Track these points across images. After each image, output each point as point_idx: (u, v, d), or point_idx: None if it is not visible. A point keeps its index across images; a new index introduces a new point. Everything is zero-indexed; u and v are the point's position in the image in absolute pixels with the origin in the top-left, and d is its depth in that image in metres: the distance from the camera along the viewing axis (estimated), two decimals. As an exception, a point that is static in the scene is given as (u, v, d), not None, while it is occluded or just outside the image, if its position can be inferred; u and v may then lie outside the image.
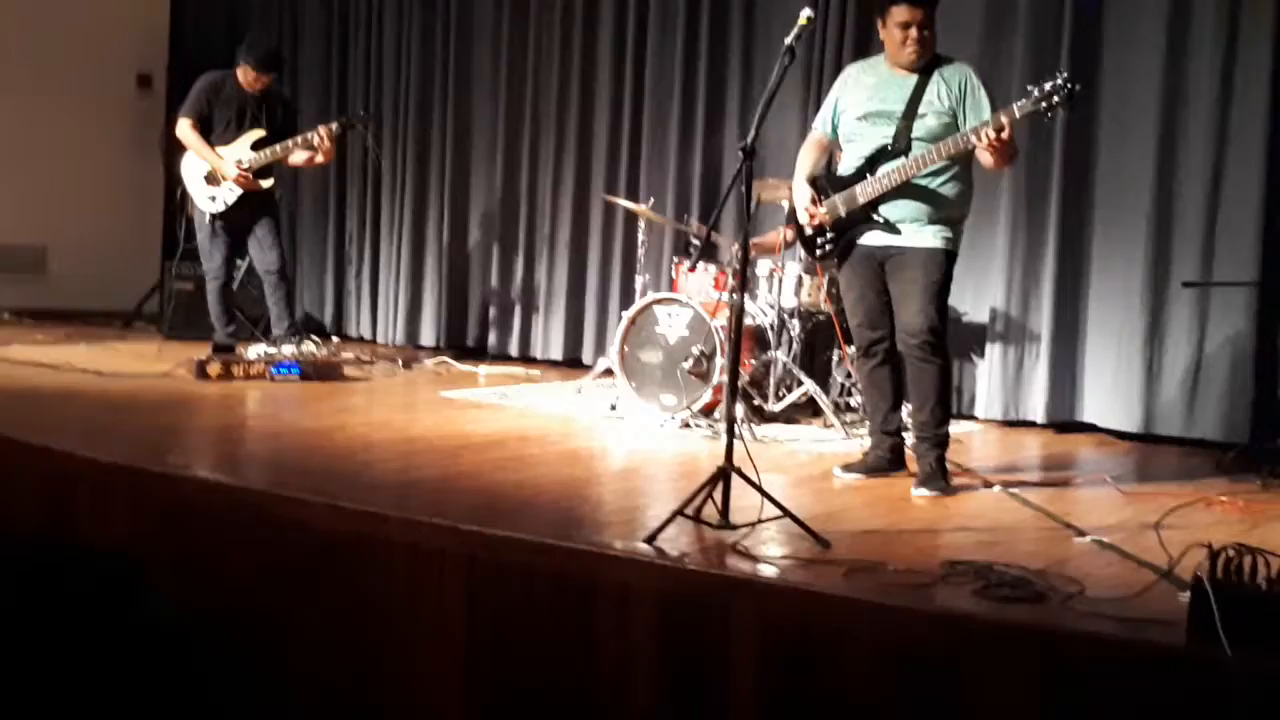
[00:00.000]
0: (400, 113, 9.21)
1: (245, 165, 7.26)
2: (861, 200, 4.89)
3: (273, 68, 7.51)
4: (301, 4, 9.77)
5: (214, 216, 7.35)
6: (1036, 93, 4.55)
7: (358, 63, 9.47)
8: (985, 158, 4.69)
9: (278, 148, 7.29)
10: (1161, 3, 6.25)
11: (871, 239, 4.94)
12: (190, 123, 7.32)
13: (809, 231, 5.11)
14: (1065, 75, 4.53)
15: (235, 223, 7.41)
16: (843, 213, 4.96)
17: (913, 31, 4.80)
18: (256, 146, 7.32)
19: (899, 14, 4.81)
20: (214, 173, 7.30)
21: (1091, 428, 6.52)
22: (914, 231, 4.85)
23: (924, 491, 4.78)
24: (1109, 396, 6.46)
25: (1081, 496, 4.96)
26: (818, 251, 5.13)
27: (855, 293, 5.06)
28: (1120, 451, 6.15)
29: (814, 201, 4.99)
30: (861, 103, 4.96)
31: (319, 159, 7.42)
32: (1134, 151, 6.36)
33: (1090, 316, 6.54)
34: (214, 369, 6.77)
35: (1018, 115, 4.58)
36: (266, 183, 7.41)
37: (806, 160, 5.12)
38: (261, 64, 7.37)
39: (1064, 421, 6.58)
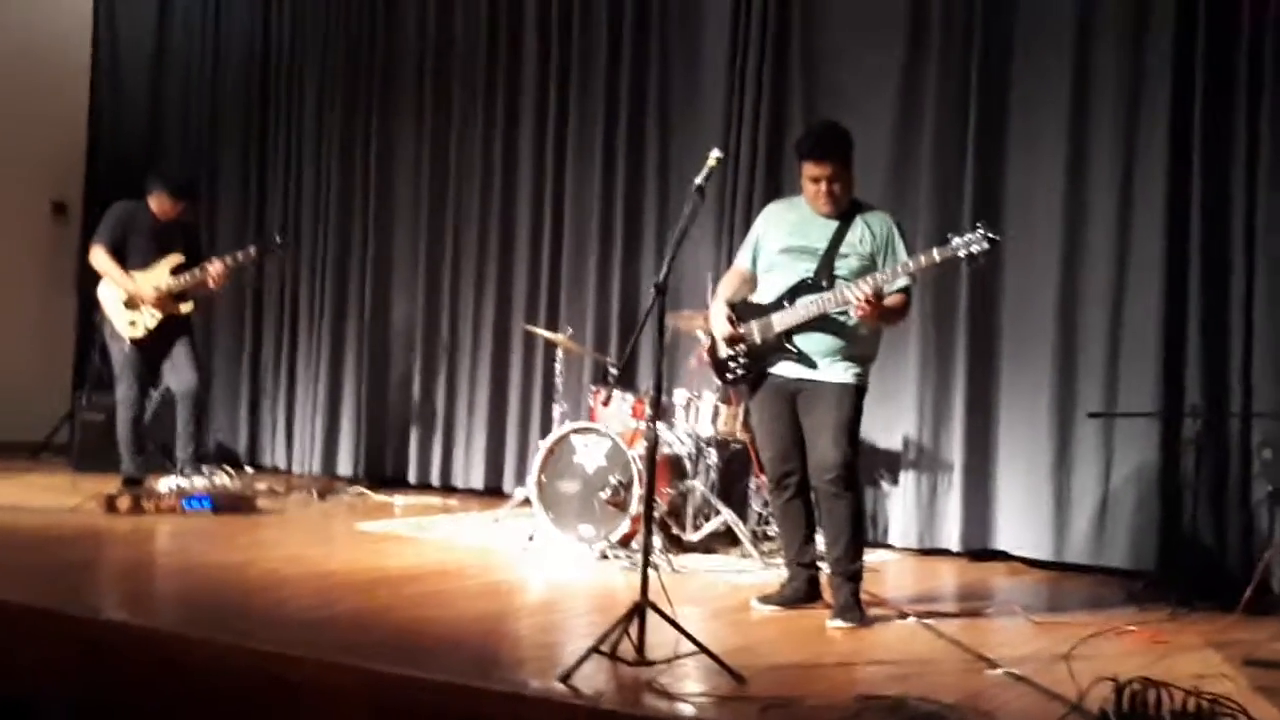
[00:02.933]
0: (319, 241, 9.22)
1: (164, 289, 7.27)
2: (778, 329, 4.96)
3: (186, 195, 7.59)
4: (219, 130, 9.81)
5: (134, 342, 7.32)
6: (955, 241, 4.68)
7: (276, 191, 9.50)
8: (861, 306, 4.73)
9: (196, 271, 7.33)
10: (1060, 137, 6.49)
11: (783, 369, 5.01)
12: (104, 249, 7.34)
13: (723, 355, 5.16)
14: (983, 229, 4.66)
15: (153, 349, 7.39)
16: (758, 339, 5.03)
17: (822, 185, 4.92)
18: (176, 272, 7.35)
19: (807, 169, 4.95)
20: (132, 298, 7.29)
21: (1005, 555, 6.60)
22: (826, 365, 4.93)
23: (839, 623, 4.80)
24: (1021, 525, 6.55)
25: (994, 627, 5.00)
26: (728, 375, 5.18)
27: (766, 426, 5.12)
28: (1033, 580, 6.22)
29: (730, 322, 5.05)
30: (783, 237, 5.06)
31: (210, 284, 7.39)
32: (1038, 280, 6.55)
33: (1001, 445, 6.66)
34: (123, 503, 6.66)
35: (937, 259, 4.72)
36: (186, 307, 7.44)
37: (726, 287, 5.21)
38: (176, 192, 7.46)
39: (978, 549, 6.65)
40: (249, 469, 8.68)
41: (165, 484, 7.05)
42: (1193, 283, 6.18)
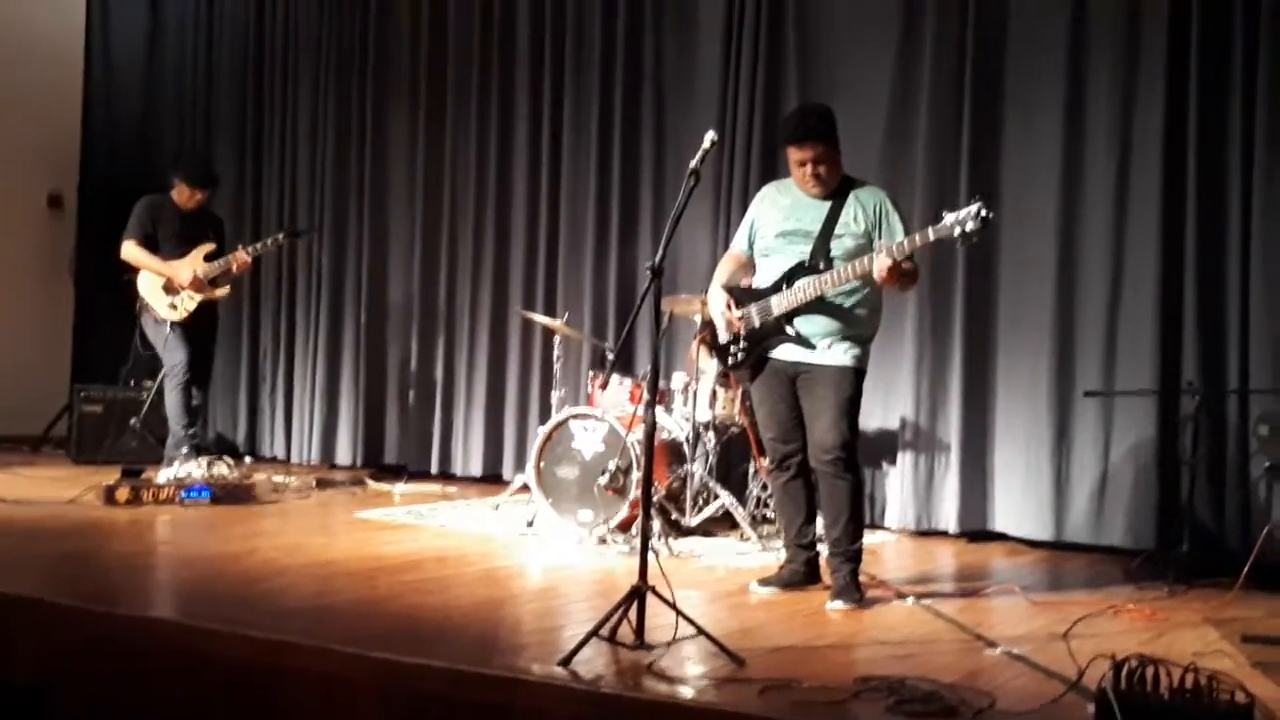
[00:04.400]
0: (314, 229, 9.21)
1: (200, 275, 7.49)
2: (776, 312, 4.97)
3: (207, 184, 7.79)
4: (214, 120, 9.81)
5: (174, 324, 7.49)
6: (949, 218, 4.66)
7: (271, 180, 9.50)
8: (881, 272, 4.75)
9: (230, 257, 7.56)
10: (1056, 123, 6.49)
11: (783, 353, 5.02)
12: (135, 242, 7.54)
13: (723, 339, 5.18)
14: (980, 203, 4.62)
15: (196, 328, 7.59)
16: (757, 323, 5.04)
17: (808, 168, 4.92)
18: (209, 259, 7.58)
19: (792, 154, 4.96)
20: (170, 283, 7.46)
21: (1003, 536, 6.61)
22: (825, 348, 4.94)
23: (839, 605, 4.82)
24: (1019, 505, 6.56)
25: (993, 607, 5.01)
26: (730, 360, 5.19)
27: (767, 407, 5.13)
28: (1031, 560, 6.23)
29: (729, 307, 5.06)
30: (778, 221, 5.06)
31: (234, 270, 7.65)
32: (1034, 264, 6.56)
33: (998, 426, 6.67)
34: (122, 494, 6.66)
35: (931, 237, 4.68)
36: (221, 291, 7.67)
37: (723, 271, 5.22)
38: (198, 181, 7.68)
39: (975, 530, 6.67)
40: (248, 459, 8.69)
41: (164, 475, 7.05)
42: (1189, 260, 6.18)
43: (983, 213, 4.60)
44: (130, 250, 7.55)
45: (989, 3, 6.72)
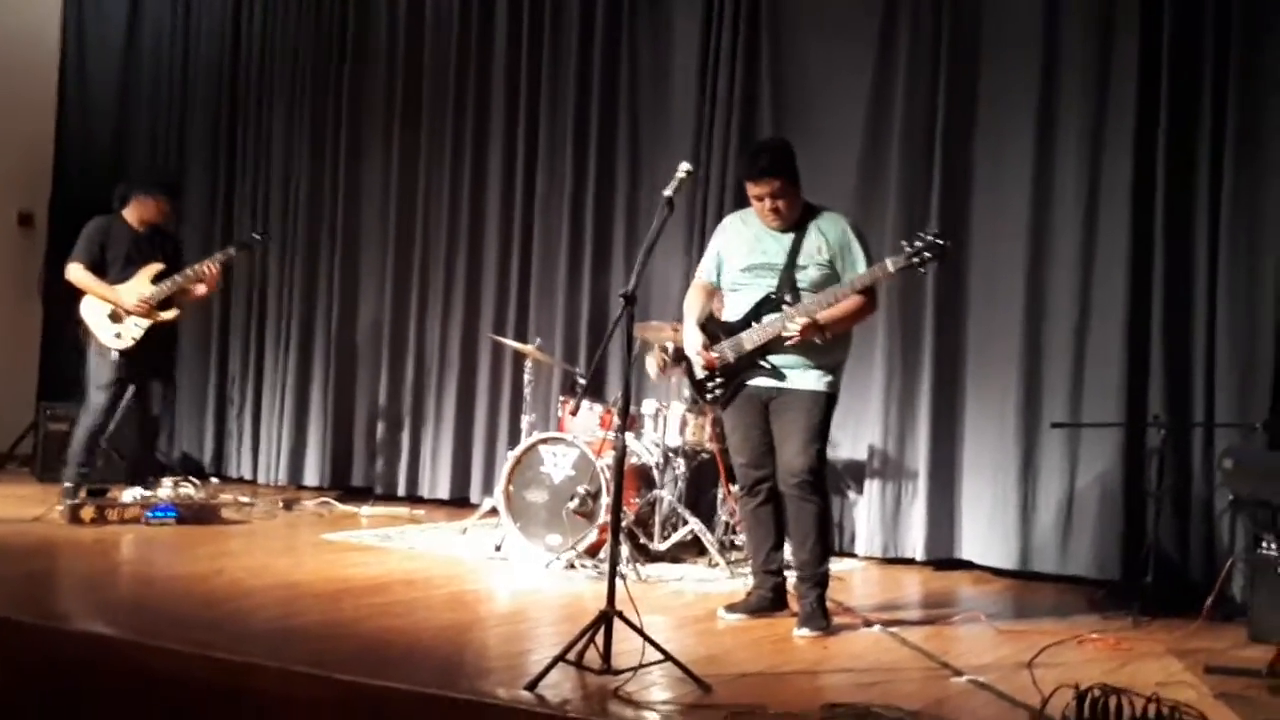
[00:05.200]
0: (286, 252, 9.20)
1: (146, 297, 7.22)
2: (748, 347, 5.02)
3: (169, 191, 7.64)
4: (186, 141, 9.78)
5: (120, 354, 7.22)
6: (909, 248, 4.76)
7: (244, 202, 9.47)
8: (794, 336, 4.85)
9: (178, 278, 7.27)
10: (1026, 154, 6.56)
11: (757, 381, 5.06)
12: (82, 265, 7.26)
13: (700, 375, 5.20)
14: (936, 232, 4.74)
15: (141, 358, 7.30)
16: (731, 359, 5.08)
17: (767, 203, 4.97)
18: (157, 280, 7.30)
19: (750, 189, 5.02)
20: (116, 310, 7.23)
21: (969, 564, 6.64)
22: (798, 375, 4.98)
23: (805, 631, 4.83)
24: (986, 534, 6.59)
25: (959, 635, 5.03)
26: (708, 396, 5.23)
27: (740, 433, 5.15)
28: (997, 588, 6.26)
29: (705, 347, 5.09)
30: (743, 255, 5.11)
31: (200, 290, 7.39)
32: (1002, 295, 6.61)
33: (966, 455, 6.70)
34: (87, 513, 6.61)
35: (891, 269, 4.79)
36: (169, 314, 7.36)
37: (694, 304, 5.24)
38: (159, 188, 7.48)
39: (942, 559, 6.69)
40: (214, 479, 8.63)
41: (129, 494, 7.00)
42: (1156, 294, 6.24)
43: (939, 240, 4.70)
44: (75, 273, 7.27)
45: (961, 40, 6.78)
